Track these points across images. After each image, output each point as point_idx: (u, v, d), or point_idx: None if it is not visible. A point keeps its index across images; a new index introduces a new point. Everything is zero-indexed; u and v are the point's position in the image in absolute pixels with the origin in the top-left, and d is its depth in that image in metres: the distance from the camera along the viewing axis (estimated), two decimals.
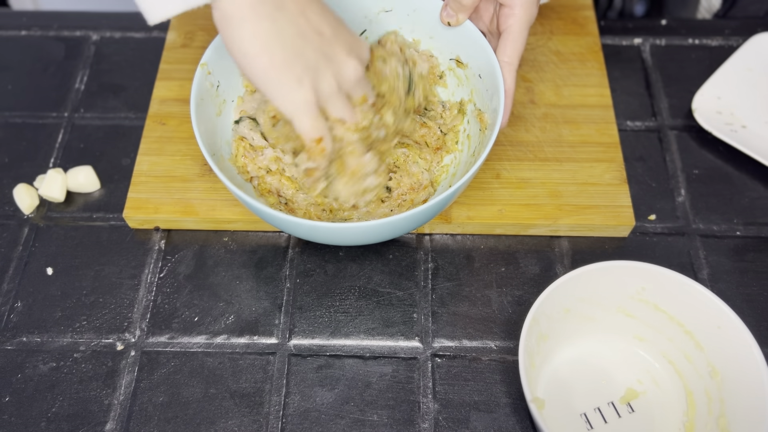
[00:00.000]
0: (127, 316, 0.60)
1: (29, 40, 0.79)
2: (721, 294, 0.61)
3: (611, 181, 0.65)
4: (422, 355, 0.58)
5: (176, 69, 0.73)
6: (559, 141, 0.67)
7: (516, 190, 0.65)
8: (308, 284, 0.62)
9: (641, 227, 0.65)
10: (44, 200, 0.67)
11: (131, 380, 0.57)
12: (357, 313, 0.60)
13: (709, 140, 0.70)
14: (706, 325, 0.53)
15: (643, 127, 0.72)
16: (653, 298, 0.55)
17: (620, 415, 0.55)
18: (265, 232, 0.65)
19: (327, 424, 0.55)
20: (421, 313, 0.60)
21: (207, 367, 0.58)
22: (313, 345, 0.59)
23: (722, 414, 0.51)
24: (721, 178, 0.68)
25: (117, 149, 0.70)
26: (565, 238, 0.64)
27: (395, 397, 0.56)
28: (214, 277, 0.62)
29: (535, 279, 0.62)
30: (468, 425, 0.55)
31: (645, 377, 0.57)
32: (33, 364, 0.58)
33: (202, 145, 0.54)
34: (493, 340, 0.59)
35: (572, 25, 0.76)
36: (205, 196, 0.64)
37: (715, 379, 0.52)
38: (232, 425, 0.55)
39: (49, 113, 0.73)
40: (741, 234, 0.65)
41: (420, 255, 0.63)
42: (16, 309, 0.61)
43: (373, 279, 0.62)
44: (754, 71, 0.73)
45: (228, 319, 0.60)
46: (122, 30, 0.79)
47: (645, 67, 0.76)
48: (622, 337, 0.58)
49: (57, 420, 0.55)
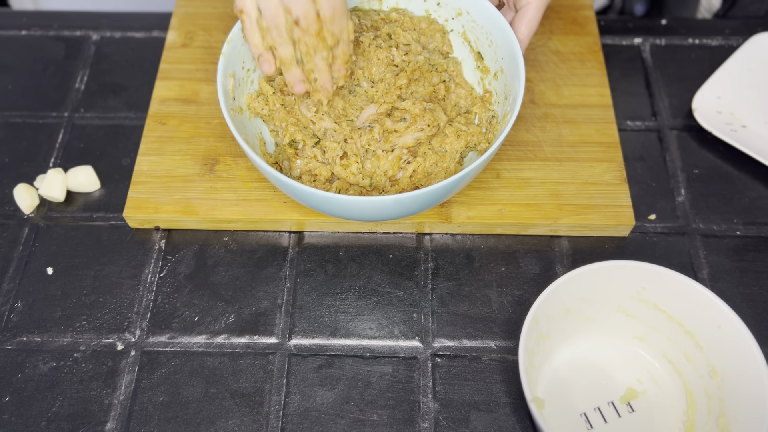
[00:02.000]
0: (127, 316, 0.60)
1: (29, 40, 0.79)
2: (721, 294, 0.61)
3: (611, 181, 0.65)
4: (422, 354, 0.59)
5: (176, 69, 0.73)
6: (559, 141, 0.67)
7: (516, 189, 0.65)
8: (308, 284, 0.62)
9: (641, 227, 0.65)
10: (44, 200, 0.67)
11: (131, 380, 0.57)
12: (357, 313, 0.61)
13: (709, 140, 0.70)
14: (706, 325, 0.53)
15: (643, 126, 0.72)
16: (653, 298, 0.55)
17: (620, 415, 0.55)
18: (265, 232, 0.65)
19: (327, 423, 0.55)
20: (421, 313, 0.60)
21: (207, 366, 0.58)
22: (313, 345, 0.59)
23: (722, 414, 0.51)
24: (721, 177, 0.68)
25: (117, 149, 0.70)
26: (565, 238, 0.64)
27: (395, 397, 0.56)
28: (214, 277, 0.62)
29: (535, 279, 0.62)
30: (468, 425, 0.55)
31: (645, 377, 0.57)
32: (33, 363, 0.58)
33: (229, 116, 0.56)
34: (493, 340, 0.59)
35: (572, 24, 0.76)
36: (205, 196, 0.64)
37: (715, 379, 0.52)
38: (232, 425, 0.55)
39: (49, 113, 0.73)
40: (741, 234, 0.65)
41: (420, 255, 0.63)
42: (17, 309, 0.61)
43: (373, 279, 0.62)
44: (754, 71, 0.73)
45: (228, 319, 0.60)
46: (122, 30, 0.79)
47: (645, 67, 0.76)
48: (622, 337, 0.58)
49: (57, 420, 0.55)
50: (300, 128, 0.62)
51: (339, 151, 0.60)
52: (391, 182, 0.61)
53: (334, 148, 0.60)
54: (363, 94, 0.63)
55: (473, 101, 0.65)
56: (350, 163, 0.60)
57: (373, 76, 0.64)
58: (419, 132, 0.61)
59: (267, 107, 0.63)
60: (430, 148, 0.61)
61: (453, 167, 0.61)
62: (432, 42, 0.67)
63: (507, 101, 0.61)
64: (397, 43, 0.64)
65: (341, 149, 0.60)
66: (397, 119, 0.61)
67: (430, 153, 0.61)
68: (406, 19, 0.67)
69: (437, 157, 0.61)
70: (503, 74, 0.62)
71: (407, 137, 0.61)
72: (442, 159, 0.61)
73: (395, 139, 0.61)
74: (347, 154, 0.60)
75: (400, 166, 0.61)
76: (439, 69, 0.65)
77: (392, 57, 0.64)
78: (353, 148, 0.60)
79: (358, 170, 0.60)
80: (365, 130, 0.61)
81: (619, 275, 0.54)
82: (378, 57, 0.63)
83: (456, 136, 0.62)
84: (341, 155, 0.60)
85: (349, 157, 0.60)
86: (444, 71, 0.65)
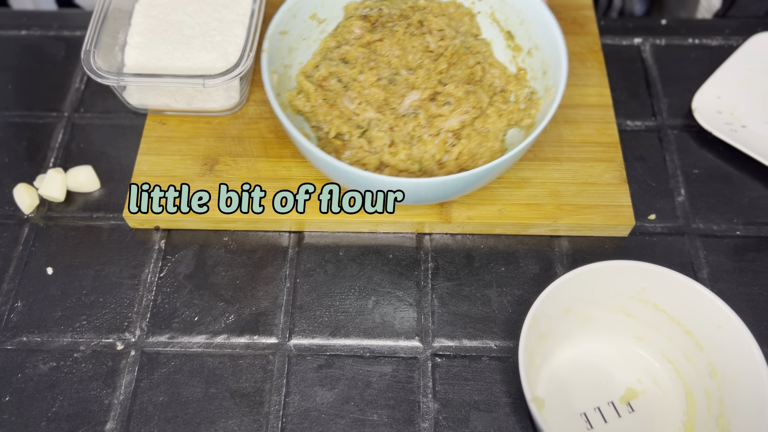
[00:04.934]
0: (127, 316, 0.60)
1: (29, 40, 0.79)
2: (721, 294, 0.61)
3: (611, 181, 0.65)
4: (422, 354, 0.59)
5: None
6: (559, 141, 0.67)
7: (516, 189, 0.65)
8: (308, 284, 0.62)
9: (641, 227, 0.65)
10: (44, 200, 0.67)
11: (131, 380, 0.57)
12: (357, 313, 0.61)
13: (709, 140, 0.70)
14: (706, 325, 0.53)
15: (643, 126, 0.72)
16: (653, 298, 0.55)
17: (620, 415, 0.55)
18: (265, 232, 0.65)
19: (327, 423, 0.55)
20: (421, 312, 0.60)
21: (207, 366, 0.58)
22: (313, 345, 0.59)
23: (722, 413, 0.51)
24: (721, 177, 0.68)
25: (117, 149, 0.70)
26: (565, 238, 0.64)
27: (395, 397, 0.56)
28: (214, 277, 0.62)
29: (535, 279, 0.62)
30: (468, 425, 0.55)
31: (645, 377, 0.57)
32: (33, 363, 0.58)
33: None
34: (493, 340, 0.59)
35: (572, 24, 0.76)
36: None
37: (714, 379, 0.52)
38: (232, 425, 0.55)
39: (49, 113, 0.73)
40: (741, 234, 0.65)
41: (420, 255, 0.63)
42: (16, 309, 0.61)
43: (373, 279, 0.62)
44: (754, 71, 0.73)
45: (228, 319, 0.60)
46: None
47: (645, 67, 0.76)
48: (622, 337, 0.58)
49: (57, 420, 0.55)
50: (344, 120, 0.62)
51: (387, 139, 0.61)
52: (439, 165, 0.62)
53: (381, 137, 0.61)
54: (403, 81, 0.64)
55: (507, 80, 0.66)
56: (398, 151, 0.61)
57: (409, 64, 0.65)
58: (464, 114, 0.62)
59: (309, 104, 0.64)
60: (474, 129, 0.62)
61: (498, 146, 0.63)
62: (462, 25, 0.68)
63: (547, 75, 0.62)
64: (430, 30, 0.66)
65: (389, 137, 0.61)
66: (442, 103, 0.62)
67: (474, 134, 0.62)
68: (434, 5, 0.68)
69: (481, 137, 0.62)
70: (539, 50, 0.64)
71: (452, 120, 0.62)
72: (486, 139, 0.62)
73: (440, 124, 0.62)
74: (395, 141, 0.61)
75: (446, 149, 0.62)
76: (474, 51, 0.66)
77: (427, 43, 0.65)
78: (400, 136, 0.61)
79: (407, 156, 0.61)
80: (410, 116, 0.62)
81: (619, 275, 0.54)
82: (413, 45, 0.65)
83: (498, 115, 0.63)
84: (389, 143, 0.61)
85: (396, 144, 0.61)
86: (478, 53, 0.66)
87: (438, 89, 0.63)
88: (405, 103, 0.63)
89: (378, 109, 0.63)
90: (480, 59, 0.66)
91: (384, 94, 0.63)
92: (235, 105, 0.69)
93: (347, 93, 0.63)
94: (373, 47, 0.66)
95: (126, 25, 0.69)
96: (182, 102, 0.68)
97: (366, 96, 0.63)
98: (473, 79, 0.65)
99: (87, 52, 0.63)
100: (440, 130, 0.62)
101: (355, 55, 0.65)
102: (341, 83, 0.64)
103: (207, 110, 0.68)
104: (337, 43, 0.67)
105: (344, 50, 0.65)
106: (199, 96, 0.67)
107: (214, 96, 0.67)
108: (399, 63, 0.65)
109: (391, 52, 0.65)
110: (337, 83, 0.64)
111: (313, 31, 0.67)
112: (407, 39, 0.65)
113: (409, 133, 0.62)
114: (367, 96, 0.63)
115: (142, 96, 0.68)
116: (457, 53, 0.65)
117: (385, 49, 0.65)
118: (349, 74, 0.64)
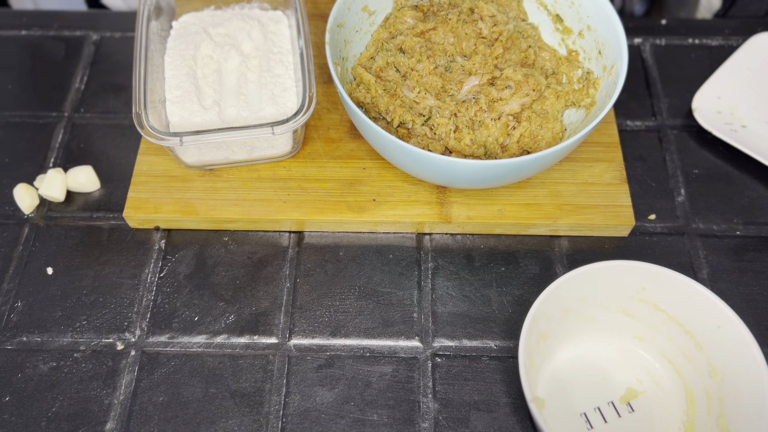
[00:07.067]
0: (127, 316, 0.60)
1: (29, 40, 0.79)
2: (721, 294, 0.61)
3: (611, 181, 0.65)
4: (422, 354, 0.59)
5: None
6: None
7: (516, 189, 0.65)
8: (308, 284, 0.62)
9: (641, 227, 0.65)
10: (44, 200, 0.67)
11: (131, 380, 0.57)
12: (357, 313, 0.61)
13: (709, 140, 0.70)
14: (706, 325, 0.53)
15: (642, 126, 0.72)
16: (653, 298, 0.55)
17: (620, 415, 0.55)
18: (265, 232, 0.65)
19: (327, 423, 0.55)
20: (421, 312, 0.60)
21: (207, 366, 0.58)
22: (313, 345, 0.59)
23: (722, 413, 0.51)
24: (721, 177, 0.68)
25: (117, 149, 0.70)
26: (565, 238, 0.64)
27: (395, 397, 0.56)
28: (214, 277, 0.62)
29: (535, 279, 0.62)
30: (468, 425, 0.55)
31: (645, 377, 0.57)
32: (33, 363, 0.58)
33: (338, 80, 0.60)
34: (493, 340, 0.59)
35: None
36: (205, 196, 0.64)
37: (714, 379, 0.52)
38: (232, 425, 0.55)
39: (49, 113, 0.73)
40: (741, 234, 0.65)
41: (420, 255, 0.63)
42: (16, 309, 0.61)
43: (373, 279, 0.62)
44: (754, 71, 0.73)
45: (228, 319, 0.60)
46: (122, 30, 0.79)
47: (645, 67, 0.76)
48: (622, 337, 0.58)
49: (57, 420, 0.55)
50: (406, 109, 0.63)
51: (452, 125, 0.61)
52: (502, 148, 0.63)
53: (446, 123, 0.62)
54: (459, 68, 0.65)
55: (558, 62, 0.67)
56: (463, 136, 0.61)
57: (464, 50, 0.66)
58: (525, 97, 0.63)
59: (369, 95, 0.64)
60: (533, 111, 0.63)
61: (558, 126, 0.64)
62: (510, 11, 0.69)
63: (602, 55, 0.63)
64: (482, 16, 0.67)
65: (453, 123, 0.61)
66: (502, 87, 0.63)
67: (534, 116, 0.63)
68: None
69: (541, 119, 0.63)
70: (591, 31, 0.65)
71: (513, 104, 0.62)
72: (546, 120, 0.63)
73: (501, 107, 0.63)
74: (459, 127, 0.62)
75: (507, 132, 0.62)
76: (525, 35, 0.67)
77: (479, 30, 0.66)
78: (463, 121, 0.62)
79: (471, 141, 0.62)
80: (470, 102, 0.62)
81: (619, 275, 0.54)
82: (466, 32, 0.66)
83: (555, 96, 0.64)
84: (454, 129, 0.62)
85: (461, 129, 0.62)
86: (529, 37, 0.67)
87: (495, 74, 0.64)
88: (464, 89, 0.64)
89: (437, 96, 0.64)
90: (531, 43, 0.67)
91: (441, 81, 0.64)
92: (294, 147, 0.66)
93: (406, 82, 0.64)
94: (428, 36, 0.67)
95: (161, 78, 0.65)
96: (242, 153, 0.64)
97: (424, 84, 0.64)
98: (527, 62, 0.66)
99: (138, 115, 0.59)
100: (501, 113, 0.62)
101: (412, 45, 0.65)
102: (399, 73, 0.65)
103: (268, 157, 0.65)
104: (390, 34, 0.67)
105: (400, 40, 0.66)
106: (262, 145, 0.63)
107: (276, 143, 0.63)
108: (454, 50, 0.66)
109: (446, 40, 0.66)
110: (394, 73, 0.65)
111: (364, 23, 0.68)
112: (460, 26, 0.66)
113: (471, 118, 0.62)
114: (425, 84, 0.64)
115: (200, 153, 0.63)
116: (511, 38, 0.65)
117: (439, 38, 0.66)
118: (407, 63, 0.65)
